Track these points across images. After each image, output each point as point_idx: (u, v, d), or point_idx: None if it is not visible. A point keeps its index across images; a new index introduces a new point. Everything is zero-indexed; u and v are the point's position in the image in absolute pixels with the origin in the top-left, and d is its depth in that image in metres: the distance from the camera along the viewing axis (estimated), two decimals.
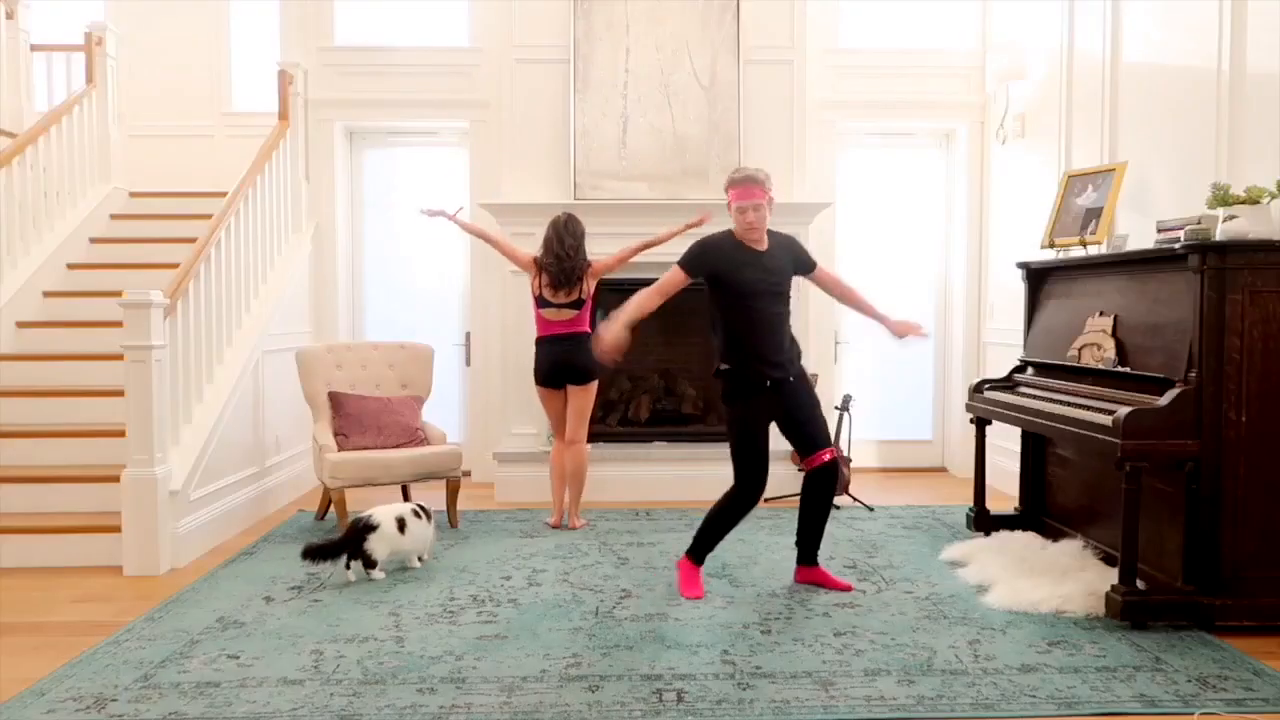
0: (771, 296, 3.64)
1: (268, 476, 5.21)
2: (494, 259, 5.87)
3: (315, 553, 3.83)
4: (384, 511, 3.95)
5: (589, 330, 4.67)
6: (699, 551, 3.77)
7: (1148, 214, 4.23)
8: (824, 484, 3.72)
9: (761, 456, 3.64)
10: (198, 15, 6.36)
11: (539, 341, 4.75)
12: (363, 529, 3.88)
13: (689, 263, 3.67)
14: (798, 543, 3.84)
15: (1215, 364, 3.20)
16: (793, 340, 3.76)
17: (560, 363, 4.68)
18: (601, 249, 5.51)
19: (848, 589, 3.72)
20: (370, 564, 3.87)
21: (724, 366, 3.68)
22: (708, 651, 3.09)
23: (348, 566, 3.87)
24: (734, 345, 3.65)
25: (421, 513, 4.07)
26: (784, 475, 5.44)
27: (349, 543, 3.87)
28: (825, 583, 3.78)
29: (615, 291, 5.81)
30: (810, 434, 3.69)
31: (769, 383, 3.62)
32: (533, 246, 5.54)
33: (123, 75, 6.18)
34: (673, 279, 3.65)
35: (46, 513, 4.29)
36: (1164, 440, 3.22)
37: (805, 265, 3.84)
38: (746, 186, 3.61)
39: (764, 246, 3.69)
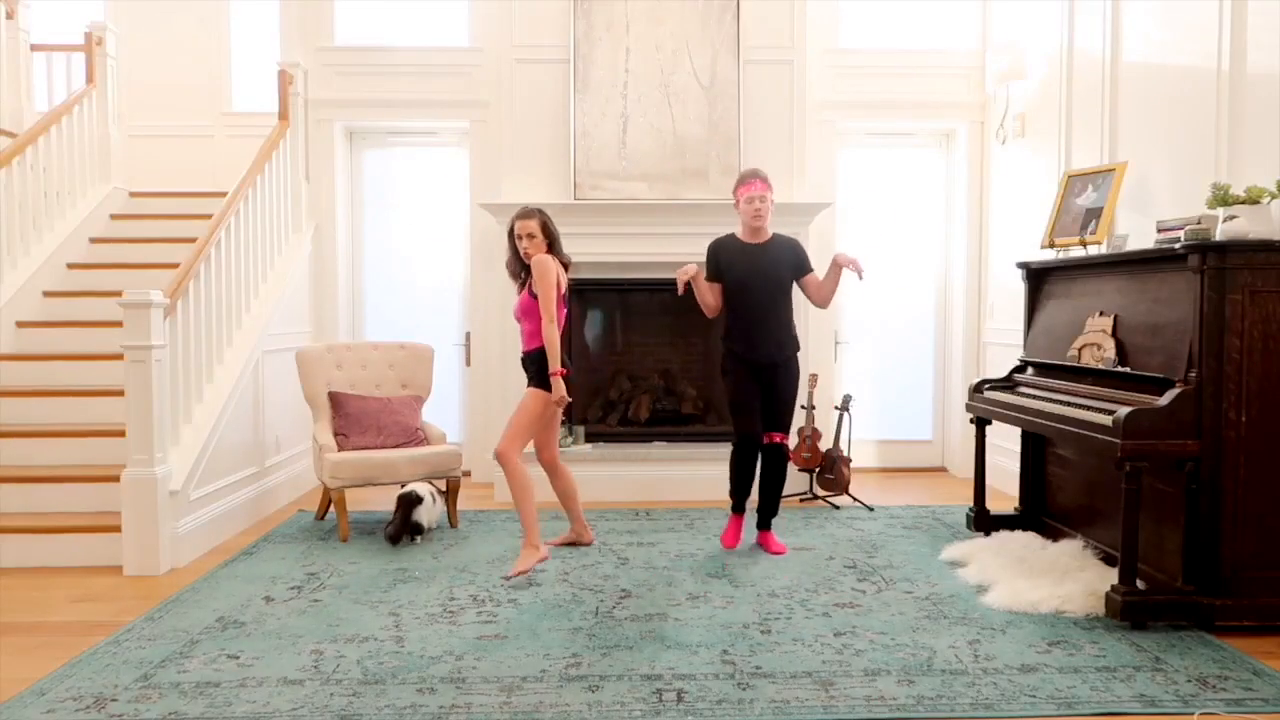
0: (768, 284, 4.20)
1: (268, 476, 5.20)
2: (494, 259, 5.87)
3: (395, 537, 4.37)
4: (420, 486, 4.50)
5: None
6: (734, 500, 4.40)
7: (1148, 214, 4.24)
8: (771, 461, 4.30)
9: (744, 410, 4.22)
10: (198, 15, 6.36)
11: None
12: (413, 502, 4.41)
13: (706, 266, 4.30)
14: (758, 508, 4.40)
15: (1215, 364, 3.20)
16: (788, 329, 4.28)
17: None
18: (602, 249, 5.54)
19: (781, 551, 4.27)
20: (419, 531, 4.42)
21: (723, 338, 4.33)
22: (708, 651, 3.09)
23: (412, 539, 4.43)
24: (731, 325, 4.28)
25: (438, 494, 4.67)
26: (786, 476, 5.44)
27: (405, 518, 4.39)
28: (766, 545, 4.34)
29: (603, 291, 5.84)
30: (771, 414, 4.25)
31: (755, 360, 4.20)
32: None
33: (123, 75, 6.18)
34: (710, 287, 4.29)
35: (46, 513, 4.29)
36: (1164, 440, 3.22)
37: (803, 268, 4.31)
38: (754, 180, 4.21)
39: (765, 239, 4.26)
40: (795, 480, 5.49)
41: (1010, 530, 4.33)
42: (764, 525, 4.39)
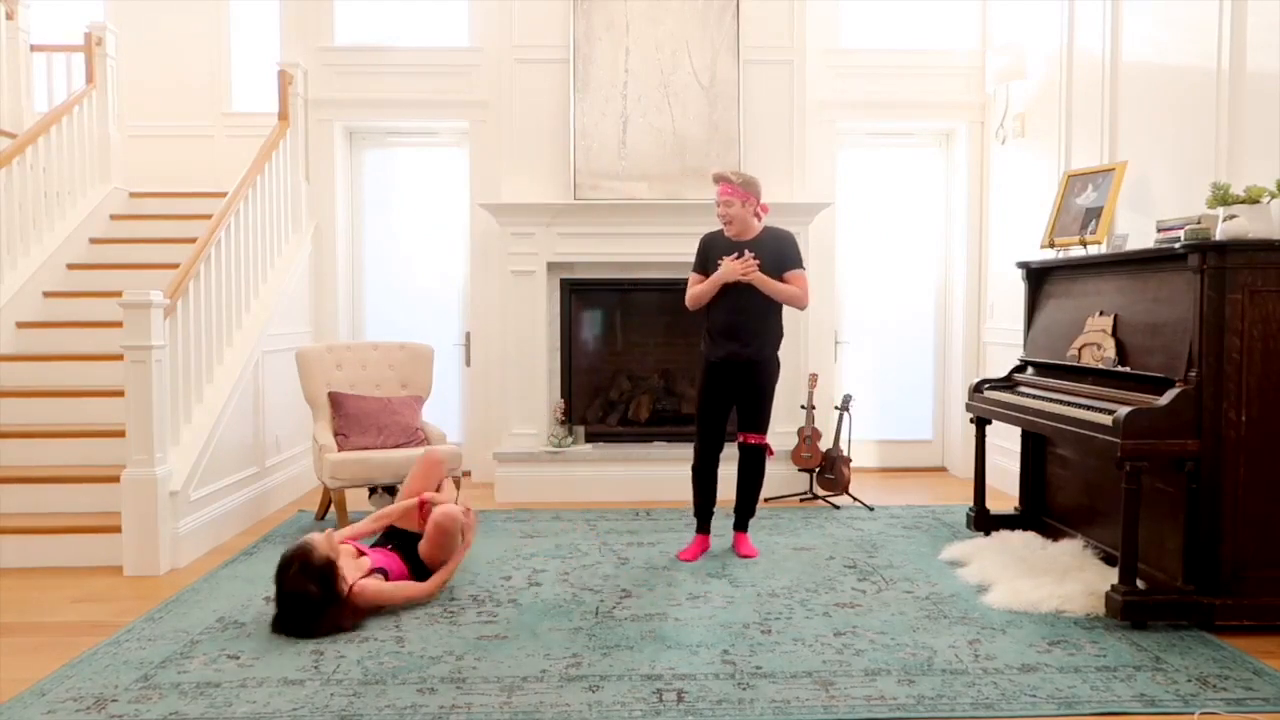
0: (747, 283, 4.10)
1: (267, 477, 5.20)
2: (494, 259, 5.88)
3: None
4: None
5: None
6: (697, 520, 4.31)
7: (1148, 214, 4.23)
8: (747, 461, 4.27)
9: (708, 418, 4.21)
10: (198, 15, 6.35)
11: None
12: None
13: (695, 259, 4.28)
14: (734, 508, 4.36)
15: (1215, 363, 3.20)
16: (769, 328, 4.19)
17: None
18: (602, 249, 5.55)
19: (751, 554, 4.23)
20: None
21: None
22: (708, 651, 3.09)
23: None
24: (707, 321, 4.23)
25: None
26: (784, 475, 5.45)
27: None
28: (736, 547, 4.31)
29: (603, 291, 5.84)
30: (745, 416, 4.23)
31: (719, 360, 4.14)
32: (533, 245, 5.56)
33: (123, 75, 6.18)
34: (695, 280, 4.25)
35: (46, 513, 4.29)
36: (1164, 440, 3.22)
37: (786, 263, 4.18)
38: (718, 184, 4.16)
39: (750, 236, 4.18)
40: (795, 480, 5.49)
41: (1010, 530, 4.33)
42: (740, 526, 4.35)
